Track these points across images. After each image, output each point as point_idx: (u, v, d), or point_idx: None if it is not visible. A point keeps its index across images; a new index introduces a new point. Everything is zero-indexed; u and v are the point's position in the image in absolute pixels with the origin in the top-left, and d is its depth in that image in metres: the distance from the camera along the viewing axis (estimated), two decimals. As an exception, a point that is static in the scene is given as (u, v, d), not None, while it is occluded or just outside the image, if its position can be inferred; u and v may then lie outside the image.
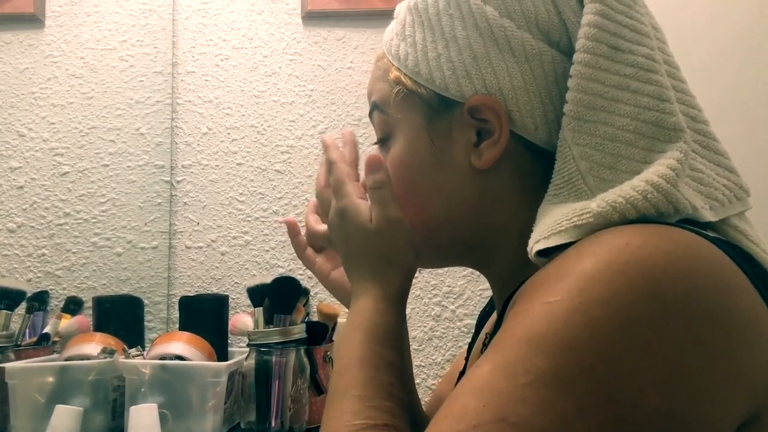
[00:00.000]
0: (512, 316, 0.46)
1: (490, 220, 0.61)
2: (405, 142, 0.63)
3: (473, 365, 0.46)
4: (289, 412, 1.12)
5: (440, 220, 0.63)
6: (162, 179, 1.45)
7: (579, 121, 0.54)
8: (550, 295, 0.43)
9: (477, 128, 0.59)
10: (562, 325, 0.42)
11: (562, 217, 0.50)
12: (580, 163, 0.53)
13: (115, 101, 1.45)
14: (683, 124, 0.52)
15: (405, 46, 0.63)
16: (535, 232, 0.53)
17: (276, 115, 1.46)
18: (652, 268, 0.42)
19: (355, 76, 1.46)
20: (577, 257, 0.45)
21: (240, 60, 1.47)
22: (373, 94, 0.67)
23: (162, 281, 1.42)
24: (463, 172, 0.61)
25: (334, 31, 1.47)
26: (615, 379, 0.40)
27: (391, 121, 0.64)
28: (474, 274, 1.41)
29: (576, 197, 0.53)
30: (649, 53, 0.54)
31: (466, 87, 0.59)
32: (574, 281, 0.43)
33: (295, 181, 1.45)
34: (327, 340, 1.28)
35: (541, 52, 0.57)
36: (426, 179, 0.62)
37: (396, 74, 0.63)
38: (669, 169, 0.49)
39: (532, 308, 0.44)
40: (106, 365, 1.10)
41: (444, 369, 1.40)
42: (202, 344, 1.14)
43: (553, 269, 0.46)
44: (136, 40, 1.46)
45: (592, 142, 0.53)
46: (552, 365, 0.41)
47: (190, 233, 1.44)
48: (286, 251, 1.43)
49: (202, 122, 1.46)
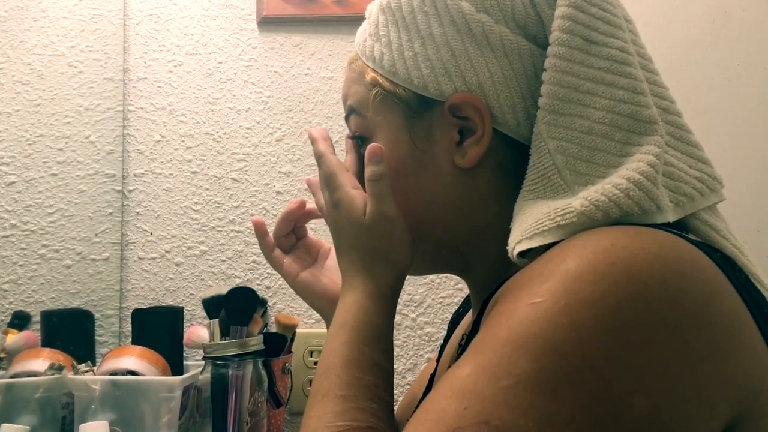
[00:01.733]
0: (494, 315, 0.45)
1: (474, 222, 0.60)
2: (385, 143, 0.62)
3: (452, 366, 0.45)
4: (247, 426, 1.09)
5: (425, 223, 0.62)
6: (113, 188, 1.40)
7: (554, 115, 0.53)
8: (534, 296, 0.43)
9: (459, 127, 0.58)
10: (547, 327, 0.41)
11: (544, 216, 0.50)
12: (556, 156, 0.53)
13: (63, 109, 1.40)
14: (657, 116, 0.52)
15: (380, 46, 0.62)
16: (515, 232, 0.52)
17: (232, 123, 1.43)
18: (638, 270, 0.42)
19: (313, 83, 1.44)
20: (562, 258, 0.44)
21: (194, 66, 1.44)
22: (349, 97, 0.65)
23: (114, 294, 1.38)
24: (446, 173, 0.60)
25: (291, 37, 1.45)
26: (600, 382, 0.40)
27: (369, 123, 0.63)
28: (434, 281, 1.40)
29: (552, 192, 0.53)
30: (622, 46, 0.54)
31: (446, 85, 0.58)
32: (559, 282, 0.43)
33: (252, 190, 1.42)
34: (285, 352, 1.26)
35: (519, 47, 0.57)
36: (408, 182, 0.61)
37: (372, 75, 0.62)
38: (649, 166, 0.49)
39: (516, 309, 0.43)
40: (54, 382, 1.06)
41: (405, 378, 1.39)
42: (156, 358, 1.11)
43: (537, 269, 0.45)
44: (86, 46, 1.42)
45: (567, 136, 0.53)
46: (536, 368, 0.40)
47: (143, 244, 1.41)
48: (243, 261, 1.40)
49: (154, 130, 1.43)
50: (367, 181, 0.61)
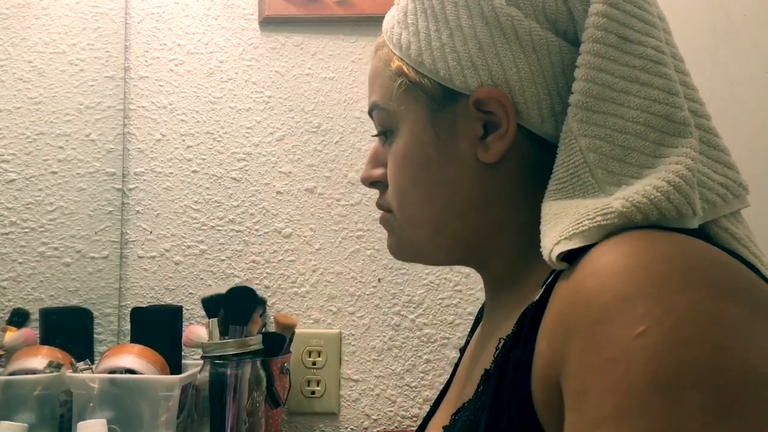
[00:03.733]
0: (596, 367, 0.41)
1: (493, 217, 0.60)
2: (408, 136, 0.61)
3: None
4: (245, 425, 1.09)
5: (445, 216, 0.61)
6: (113, 187, 1.40)
7: (587, 112, 0.52)
8: (633, 325, 0.40)
9: (483, 121, 0.58)
10: (681, 350, 0.39)
11: (582, 216, 0.48)
12: (588, 155, 0.52)
13: (64, 106, 1.40)
14: (690, 118, 0.52)
15: (407, 34, 0.61)
16: (550, 233, 0.50)
17: (232, 122, 1.43)
18: (710, 271, 0.43)
19: (314, 83, 1.44)
20: (626, 274, 0.43)
21: (195, 65, 1.44)
22: (374, 91, 0.64)
23: (113, 292, 1.38)
24: (468, 166, 0.59)
25: (292, 37, 1.45)
26: (754, 372, 0.39)
27: (393, 114, 0.62)
28: (434, 283, 1.40)
29: (582, 191, 0.52)
30: (657, 45, 0.53)
31: (472, 78, 0.57)
32: (649, 301, 0.41)
33: (252, 189, 1.42)
34: (284, 352, 1.26)
35: (548, 42, 0.56)
36: (430, 174, 0.61)
37: (398, 65, 0.61)
38: (687, 170, 0.48)
39: (626, 348, 0.40)
40: (52, 380, 1.06)
41: (403, 379, 1.39)
42: (155, 357, 1.11)
43: (601, 289, 0.43)
44: (87, 44, 1.42)
45: (601, 134, 0.52)
46: (704, 395, 0.38)
47: (143, 242, 1.40)
48: (242, 260, 1.40)
49: (155, 128, 1.43)
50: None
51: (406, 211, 0.63)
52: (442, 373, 1.39)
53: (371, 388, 1.39)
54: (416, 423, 1.38)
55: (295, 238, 1.41)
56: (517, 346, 0.50)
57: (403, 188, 0.62)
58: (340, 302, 1.40)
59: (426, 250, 0.65)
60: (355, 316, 1.40)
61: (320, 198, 1.42)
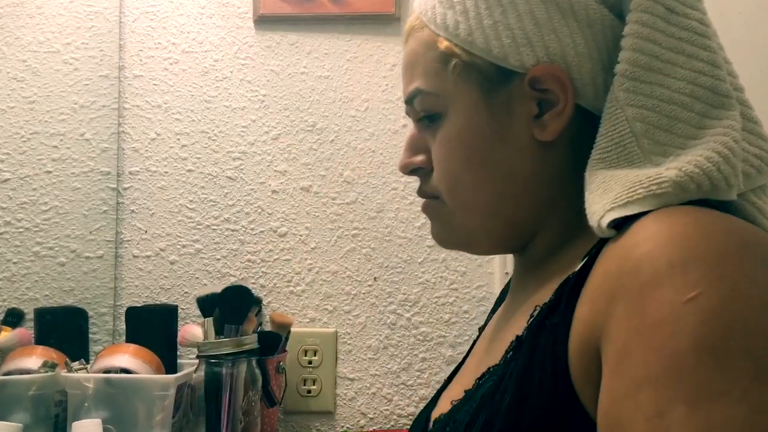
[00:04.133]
0: (643, 329, 0.42)
1: (544, 197, 0.59)
2: (460, 119, 0.60)
3: (622, 408, 0.41)
4: (240, 424, 1.09)
5: (498, 199, 0.60)
6: (108, 186, 1.40)
7: (634, 82, 0.53)
8: (684, 290, 0.41)
9: (537, 99, 0.57)
10: (730, 316, 0.40)
11: (636, 184, 0.48)
12: (634, 124, 0.52)
13: (58, 105, 1.40)
14: (732, 91, 0.52)
15: (453, 14, 0.59)
16: (600, 200, 0.50)
17: (227, 121, 1.43)
18: (763, 249, 0.44)
19: (309, 82, 1.43)
20: (682, 241, 0.43)
21: (190, 64, 1.43)
22: (415, 75, 0.62)
23: (108, 292, 1.38)
24: (524, 146, 0.58)
25: (287, 35, 1.45)
26: None
27: (441, 97, 0.60)
28: (429, 282, 1.40)
29: (626, 161, 0.52)
30: (701, 18, 0.54)
31: (528, 56, 0.56)
32: (704, 269, 0.41)
33: (248, 188, 1.42)
34: (280, 351, 1.26)
35: (602, 17, 0.56)
36: (485, 156, 0.59)
37: (447, 44, 0.59)
38: (734, 141, 0.49)
39: (676, 313, 0.40)
40: (47, 380, 1.06)
41: (399, 378, 1.39)
42: (150, 356, 1.11)
43: (651, 257, 0.43)
44: (81, 43, 1.42)
45: (648, 104, 0.52)
46: (756, 362, 0.39)
47: (138, 242, 1.40)
48: (238, 260, 1.40)
49: (150, 127, 1.42)
50: None
51: (459, 195, 0.61)
52: (438, 372, 1.39)
53: (367, 387, 1.39)
54: (412, 422, 1.38)
55: (290, 237, 1.41)
56: (554, 312, 0.50)
57: (456, 172, 0.61)
58: (336, 301, 1.40)
59: (475, 237, 0.63)
60: (350, 315, 1.40)
61: (316, 197, 1.42)
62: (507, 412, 0.49)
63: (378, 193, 1.42)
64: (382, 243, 1.41)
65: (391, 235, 1.41)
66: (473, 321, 1.40)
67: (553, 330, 0.49)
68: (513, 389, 0.50)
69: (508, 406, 0.49)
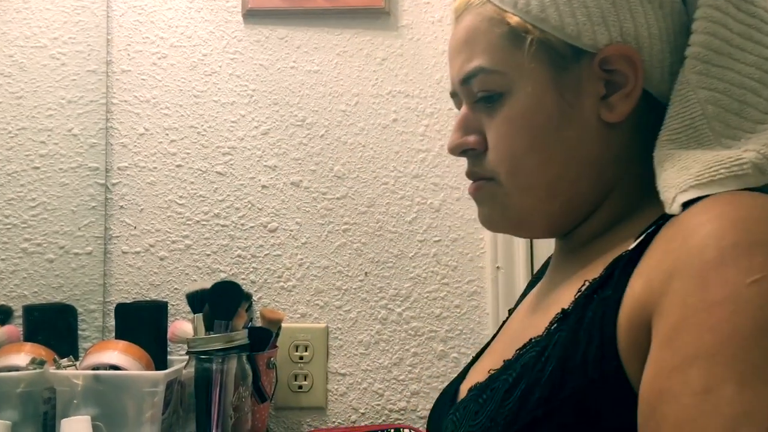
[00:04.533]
0: (693, 310, 0.42)
1: (604, 180, 0.59)
2: (528, 98, 0.58)
3: (669, 385, 0.42)
4: (231, 420, 1.09)
5: (559, 181, 0.59)
6: (96, 182, 1.39)
7: (707, 65, 0.53)
8: (748, 273, 0.41)
9: (605, 80, 0.57)
10: None
11: (717, 164, 0.49)
12: (707, 107, 0.53)
13: (46, 101, 1.38)
14: None
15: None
16: (675, 178, 0.51)
17: (216, 116, 1.42)
18: None
19: (298, 76, 1.43)
20: (749, 224, 0.44)
21: (178, 58, 1.42)
22: (476, 52, 0.60)
23: (97, 288, 1.37)
24: (591, 128, 0.58)
25: (276, 29, 1.44)
26: None
27: (506, 75, 0.59)
28: (420, 276, 1.40)
29: (697, 143, 0.52)
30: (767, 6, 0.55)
31: (602, 35, 0.56)
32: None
33: (237, 183, 1.41)
34: (270, 346, 1.25)
35: (673, 0, 0.56)
36: (551, 137, 0.58)
37: (518, 21, 0.58)
38: None
39: (737, 293, 0.41)
40: (35, 377, 1.05)
41: (391, 373, 1.38)
42: (139, 353, 1.10)
43: (717, 237, 0.44)
44: (68, 38, 1.41)
45: (720, 87, 0.53)
46: None
47: (127, 238, 1.39)
48: (228, 255, 1.39)
49: (138, 123, 1.41)
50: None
51: (519, 177, 0.60)
52: (429, 366, 1.39)
53: (359, 382, 1.39)
54: (404, 416, 1.38)
55: (281, 233, 1.40)
56: (605, 287, 0.50)
57: (519, 153, 0.59)
58: (327, 296, 1.40)
59: (530, 219, 0.62)
60: (341, 310, 1.40)
61: (306, 192, 1.41)
62: (549, 380, 0.49)
63: (368, 187, 1.41)
64: (373, 238, 1.41)
65: (381, 230, 1.41)
66: (464, 315, 1.40)
67: (603, 303, 0.50)
68: (556, 359, 0.50)
69: (550, 375, 0.49)
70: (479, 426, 0.53)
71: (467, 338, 1.40)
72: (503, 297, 1.39)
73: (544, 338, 0.54)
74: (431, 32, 1.45)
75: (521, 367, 0.53)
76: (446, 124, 1.43)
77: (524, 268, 1.39)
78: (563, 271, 0.63)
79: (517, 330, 0.66)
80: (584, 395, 0.47)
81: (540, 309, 0.63)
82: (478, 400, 0.56)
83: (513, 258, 1.40)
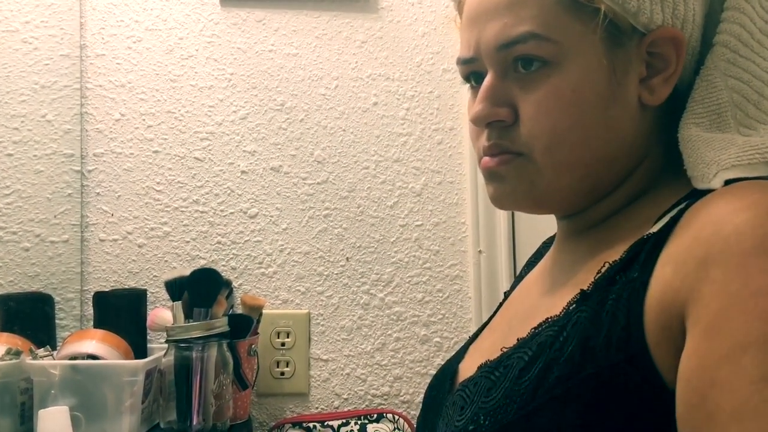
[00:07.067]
0: (737, 299, 0.42)
1: (633, 161, 0.59)
2: (580, 72, 0.56)
3: (709, 377, 0.42)
4: (212, 408, 1.08)
5: (595, 161, 0.57)
6: (72, 169, 1.36)
7: (735, 54, 0.55)
8: None
9: (647, 61, 0.57)
10: None
11: (752, 149, 0.51)
12: (733, 95, 0.55)
13: (18, 86, 1.35)
14: None
15: None
16: (716, 155, 0.52)
17: (194, 100, 1.40)
18: None
19: (277, 59, 1.41)
20: None
21: (154, 42, 1.40)
22: (523, 16, 0.56)
23: (74, 276, 1.35)
24: (630, 109, 0.57)
25: (254, 12, 1.41)
26: None
27: (558, 46, 0.56)
28: (402, 261, 1.39)
29: (717, 128, 0.54)
30: None
31: (657, 15, 0.55)
32: None
33: (216, 169, 1.39)
34: (251, 333, 1.24)
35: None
36: (597, 114, 0.56)
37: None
38: None
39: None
40: (11, 367, 1.03)
41: (374, 358, 1.38)
42: (118, 342, 1.09)
43: (755, 224, 0.44)
44: (41, 21, 1.37)
45: (744, 77, 0.55)
46: None
47: (104, 225, 1.37)
48: (208, 242, 1.38)
49: (114, 108, 1.39)
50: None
51: (557, 154, 0.57)
52: (412, 351, 1.39)
53: (341, 368, 1.38)
54: (387, 401, 1.38)
55: (261, 218, 1.39)
56: (628, 269, 0.50)
57: (561, 128, 0.56)
58: (308, 282, 1.39)
59: (556, 197, 0.60)
60: (323, 296, 1.39)
61: (286, 177, 1.40)
62: (568, 359, 0.49)
63: (349, 172, 1.40)
64: (354, 223, 1.40)
65: (363, 214, 1.40)
66: (446, 300, 1.40)
67: (627, 285, 0.49)
68: (576, 339, 0.50)
69: (570, 354, 0.49)
70: (493, 402, 0.53)
71: (450, 322, 1.40)
72: (485, 281, 1.39)
73: (562, 318, 0.54)
74: (411, 14, 1.43)
75: (537, 345, 0.53)
76: (427, 107, 1.42)
77: (506, 251, 1.38)
78: (572, 252, 0.63)
79: (526, 309, 0.65)
80: (606, 376, 0.47)
81: (553, 289, 0.62)
82: (490, 377, 0.56)
83: (495, 242, 1.39)
